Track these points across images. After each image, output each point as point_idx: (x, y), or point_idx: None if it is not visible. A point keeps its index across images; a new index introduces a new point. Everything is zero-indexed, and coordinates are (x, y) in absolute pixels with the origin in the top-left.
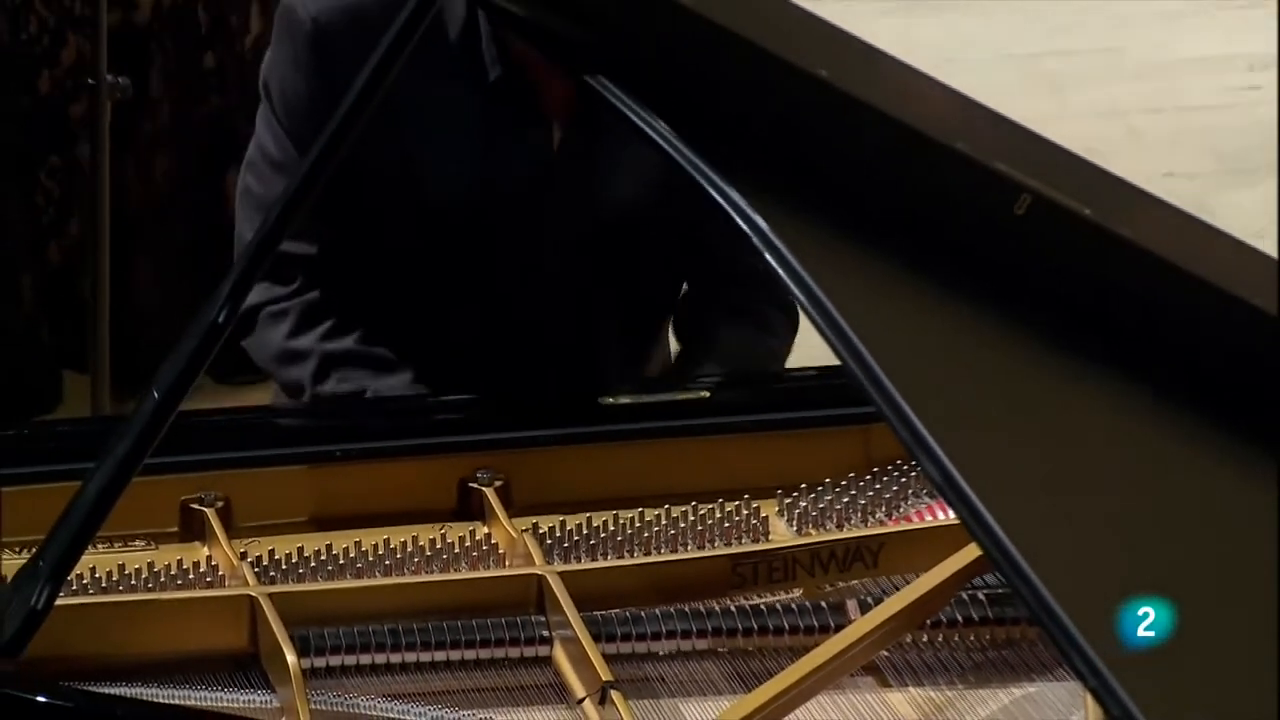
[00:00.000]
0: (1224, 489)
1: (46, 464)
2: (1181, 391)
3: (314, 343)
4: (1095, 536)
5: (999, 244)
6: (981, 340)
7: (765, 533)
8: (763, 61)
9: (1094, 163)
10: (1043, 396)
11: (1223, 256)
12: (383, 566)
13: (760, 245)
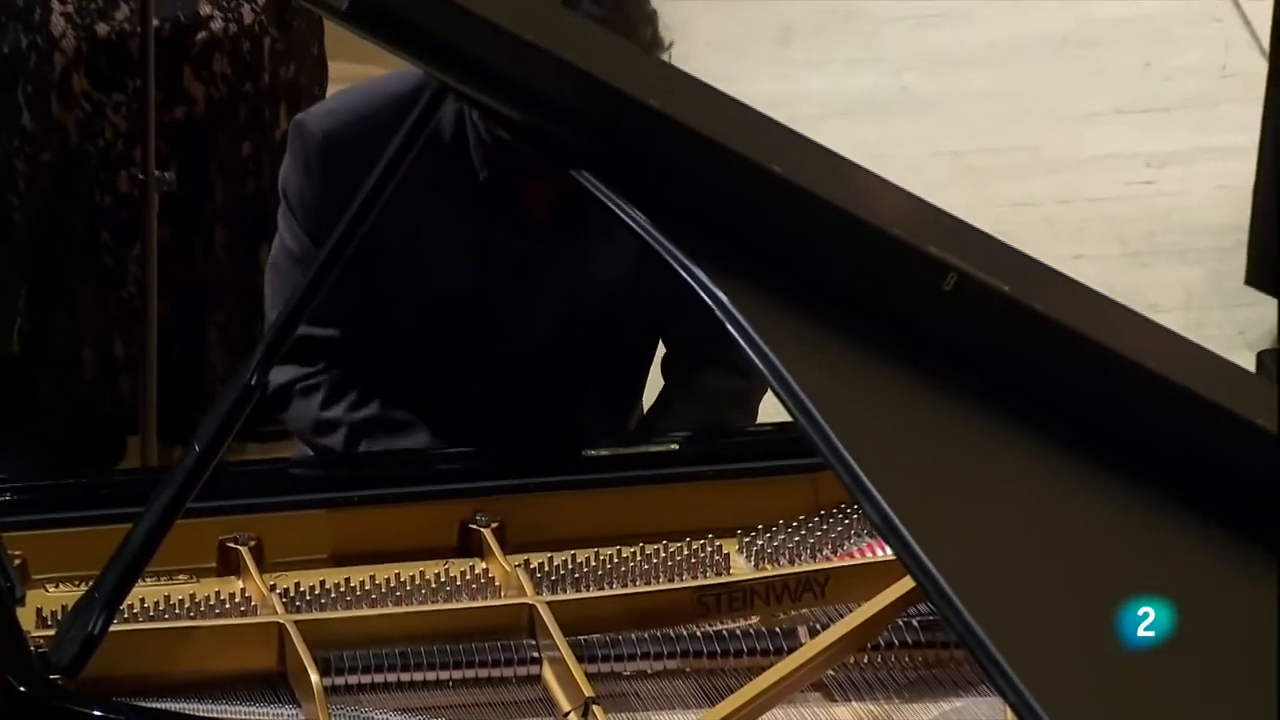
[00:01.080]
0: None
1: (102, 508)
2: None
3: (343, 413)
4: (1013, 570)
5: (930, 316)
6: (915, 399)
7: (726, 567)
8: (725, 157)
9: (1012, 246)
10: (969, 448)
11: (1123, 327)
12: (394, 597)
13: (722, 316)
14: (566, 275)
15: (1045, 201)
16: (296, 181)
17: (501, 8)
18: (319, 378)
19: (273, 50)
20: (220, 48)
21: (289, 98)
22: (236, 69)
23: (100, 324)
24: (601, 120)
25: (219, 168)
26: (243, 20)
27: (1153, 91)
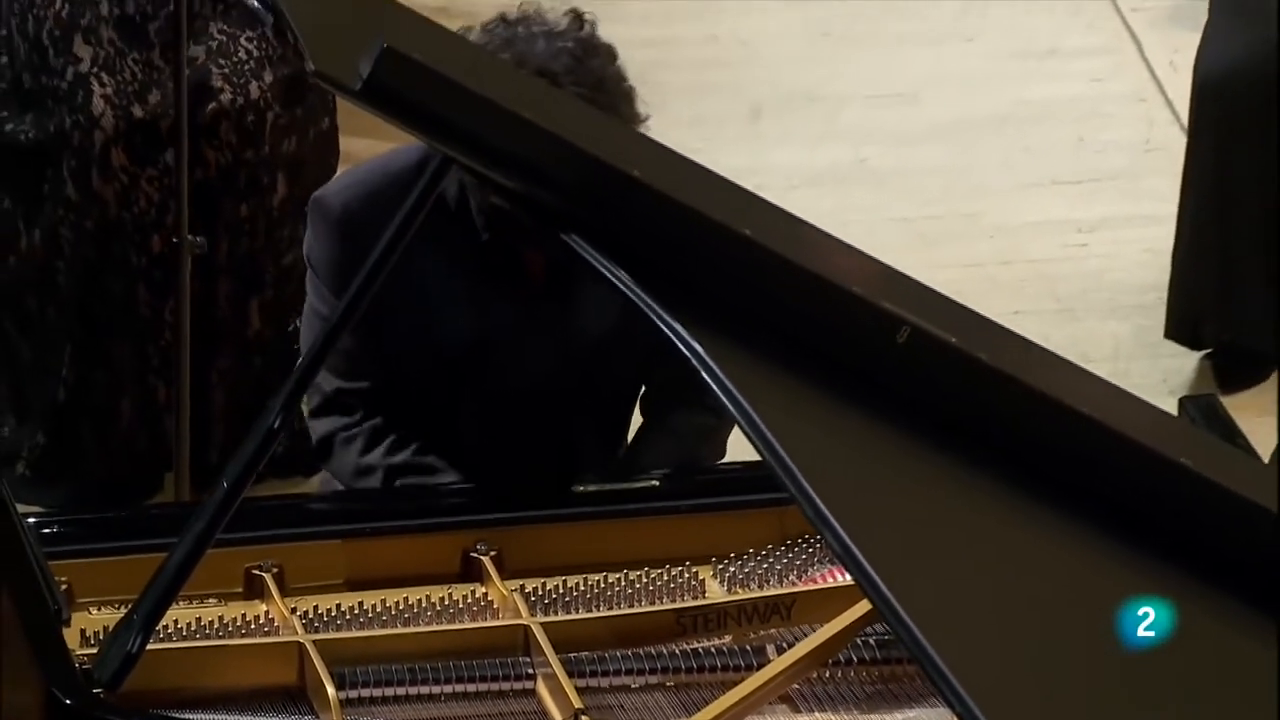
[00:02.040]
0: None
1: (140, 539)
2: (1025, 477)
3: (379, 459)
4: (960, 592)
5: (886, 365)
6: (872, 440)
7: (702, 591)
8: (700, 222)
9: (959, 302)
10: (920, 484)
11: (1058, 375)
12: (403, 618)
13: (697, 365)
14: (558, 329)
15: (988, 263)
16: (319, 251)
17: (500, 89)
18: (357, 428)
19: (275, 124)
20: (228, 118)
21: (288, 169)
22: (240, 138)
23: (137, 373)
24: (589, 189)
25: (224, 227)
26: (249, 95)
27: (1084, 164)
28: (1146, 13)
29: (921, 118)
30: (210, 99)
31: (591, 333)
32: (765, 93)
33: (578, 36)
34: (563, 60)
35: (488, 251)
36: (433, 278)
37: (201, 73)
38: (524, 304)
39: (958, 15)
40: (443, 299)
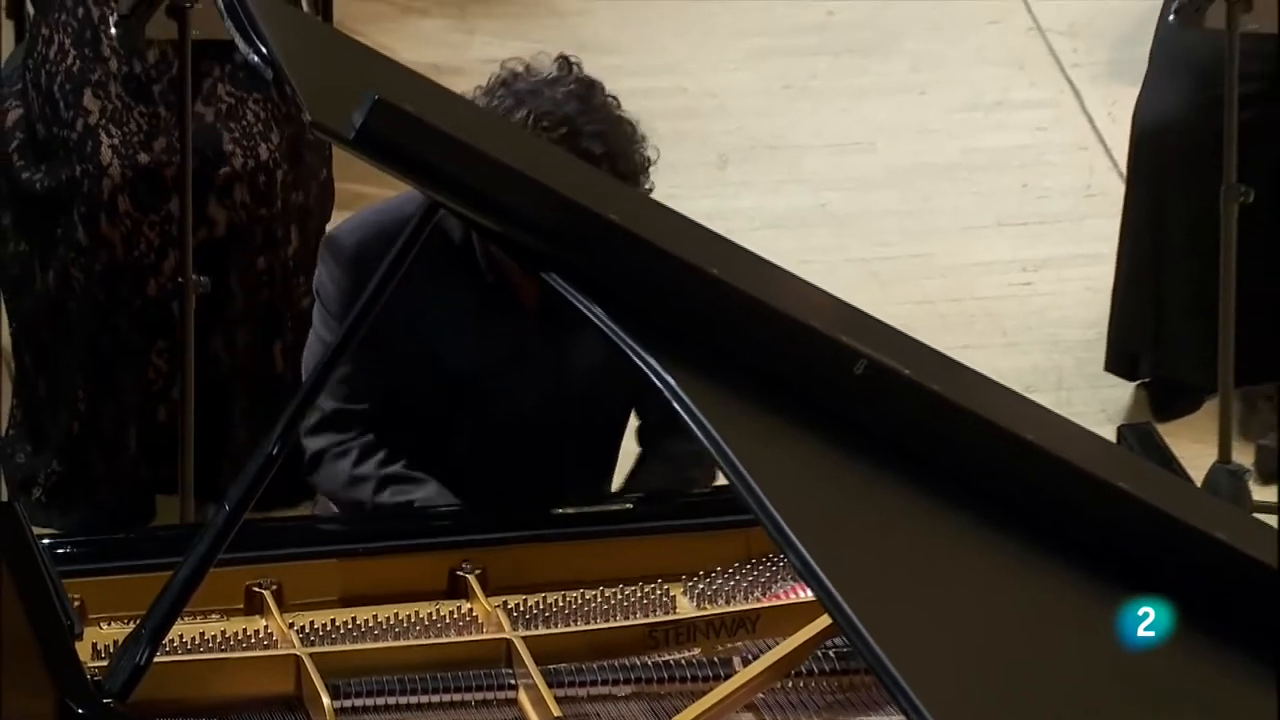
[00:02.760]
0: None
1: (148, 558)
2: (974, 499)
3: (373, 470)
4: (914, 607)
5: (844, 395)
6: (832, 466)
7: (673, 607)
8: (671, 262)
9: (912, 337)
10: (877, 507)
11: (1005, 405)
12: (393, 633)
13: (670, 398)
14: (552, 359)
15: (939, 300)
16: (329, 284)
17: (484, 138)
18: (352, 443)
19: (284, 181)
20: (240, 180)
21: (299, 219)
22: (254, 197)
23: (143, 405)
24: (568, 231)
25: (239, 279)
26: (259, 157)
27: (1029, 208)
28: (1087, 68)
29: (877, 165)
30: (223, 163)
31: (584, 366)
32: (732, 142)
33: (576, 78)
34: (573, 104)
35: (489, 286)
36: (435, 309)
37: (213, 136)
38: (519, 337)
39: (911, 70)
40: (444, 330)
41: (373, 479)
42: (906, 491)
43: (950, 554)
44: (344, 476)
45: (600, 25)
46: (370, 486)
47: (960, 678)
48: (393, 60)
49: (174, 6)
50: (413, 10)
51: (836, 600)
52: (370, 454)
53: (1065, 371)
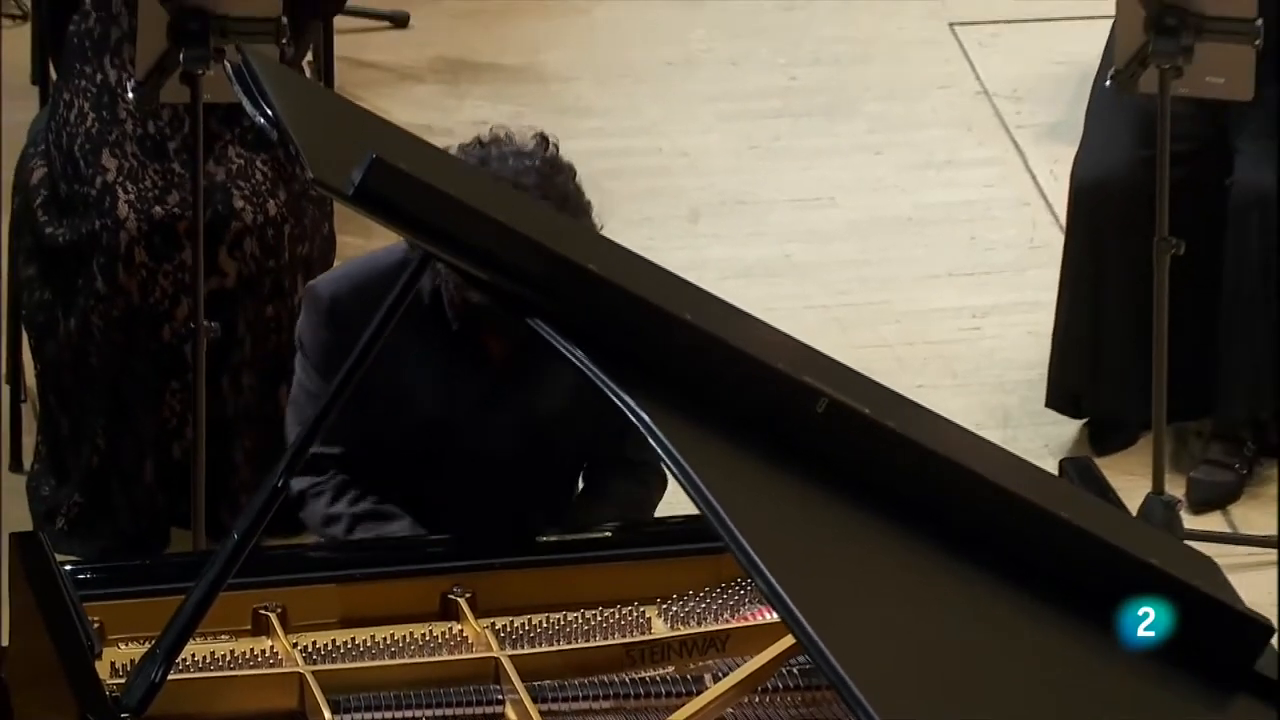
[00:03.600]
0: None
1: (162, 584)
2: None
3: (344, 509)
4: (871, 627)
5: (807, 431)
6: (796, 498)
7: (649, 628)
8: (647, 308)
9: (869, 377)
10: (838, 535)
11: (955, 440)
12: (389, 652)
13: (645, 433)
14: (516, 406)
15: (895, 344)
16: (310, 334)
17: (474, 195)
18: (327, 484)
19: (291, 235)
20: (250, 234)
21: (305, 270)
22: (263, 250)
23: (158, 440)
24: (551, 280)
25: (247, 326)
26: (268, 213)
27: (976, 259)
28: (1030, 129)
29: (837, 219)
30: (234, 218)
31: (544, 411)
32: (703, 198)
33: (544, 156)
34: (531, 177)
35: (457, 339)
36: (409, 360)
37: (224, 193)
38: (487, 385)
39: (867, 131)
40: (417, 379)
41: (345, 517)
42: (865, 520)
43: (905, 578)
44: (320, 515)
45: (583, 91)
46: (343, 525)
47: (912, 690)
48: (389, 122)
49: (187, 73)
50: (408, 77)
51: (799, 621)
52: (344, 493)
53: (1011, 410)
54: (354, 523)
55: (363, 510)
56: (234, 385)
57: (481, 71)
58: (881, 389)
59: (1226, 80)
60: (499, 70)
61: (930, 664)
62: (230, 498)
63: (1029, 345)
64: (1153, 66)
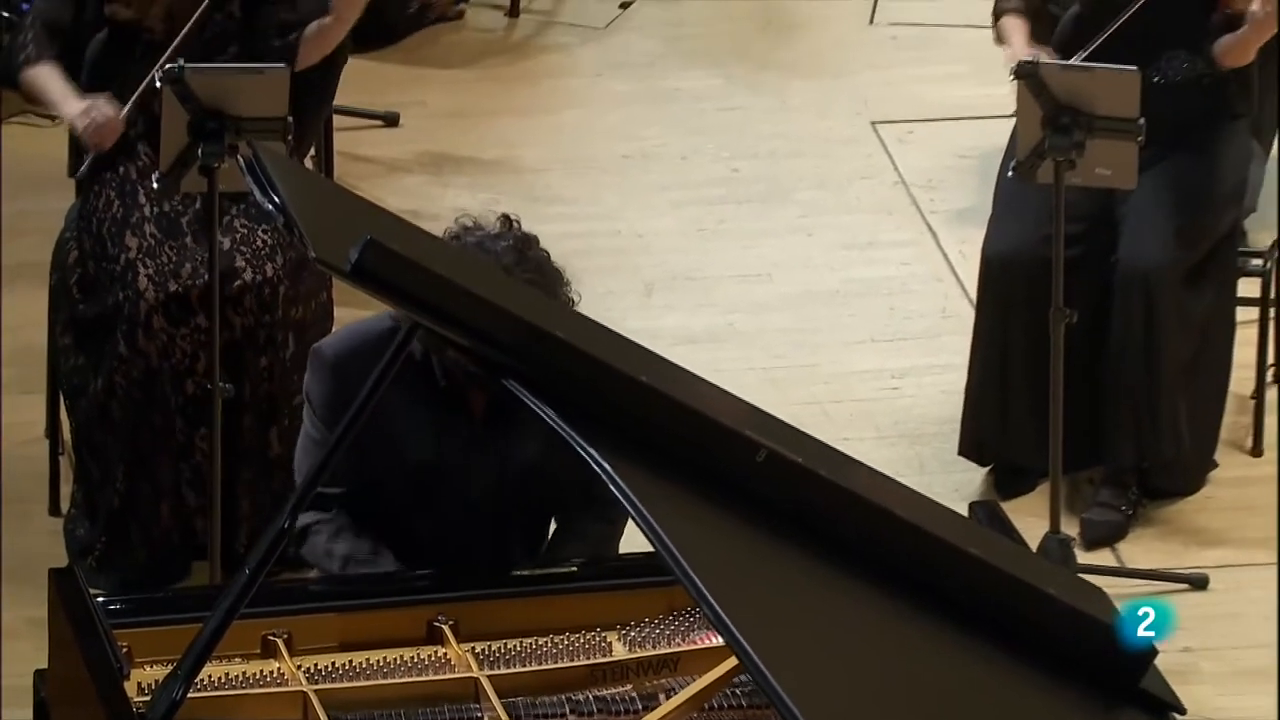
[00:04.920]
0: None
1: (183, 613)
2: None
3: (340, 547)
4: (807, 650)
5: (748, 478)
6: (740, 537)
7: (610, 651)
8: (607, 371)
9: (803, 431)
10: (777, 570)
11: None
12: (382, 673)
13: (607, 481)
14: (495, 453)
15: (824, 401)
16: (316, 389)
17: (456, 272)
18: (327, 523)
19: (285, 295)
20: (249, 291)
21: (298, 330)
22: (260, 306)
23: (174, 486)
24: (523, 346)
25: (248, 375)
26: (266, 274)
27: (895, 327)
28: (942, 214)
29: (774, 292)
30: (236, 277)
31: (520, 458)
32: (656, 274)
33: (514, 235)
34: (510, 255)
35: (443, 394)
36: (400, 413)
37: (228, 257)
38: (470, 435)
39: (800, 216)
40: (408, 428)
41: (338, 556)
42: (799, 556)
43: (834, 606)
44: (319, 550)
45: (552, 181)
46: (337, 562)
47: (838, 702)
48: (381, 208)
49: (205, 166)
50: (398, 169)
51: (742, 645)
52: (341, 532)
53: (926, 459)
54: (345, 562)
55: (354, 552)
56: (236, 428)
57: (463, 164)
58: (813, 441)
59: (1113, 171)
60: (478, 163)
61: (854, 680)
62: (234, 525)
63: (942, 402)
64: (1049, 159)
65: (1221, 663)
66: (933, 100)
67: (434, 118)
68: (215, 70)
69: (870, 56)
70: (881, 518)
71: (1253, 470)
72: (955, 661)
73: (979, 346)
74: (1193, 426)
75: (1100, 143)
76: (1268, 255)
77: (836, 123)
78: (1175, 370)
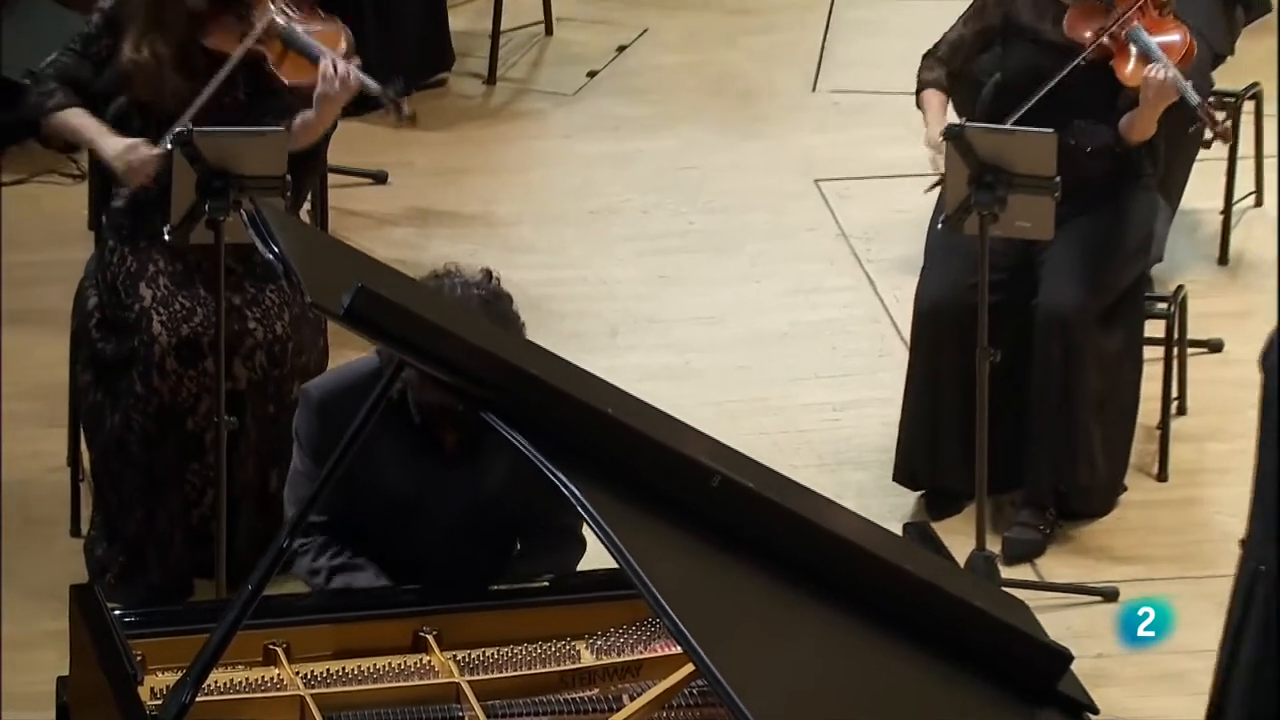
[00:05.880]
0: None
1: (192, 624)
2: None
3: (324, 563)
4: (756, 657)
5: (704, 501)
6: (697, 555)
7: (578, 658)
8: (577, 404)
9: (753, 459)
10: (730, 585)
11: (823, 510)
12: (372, 678)
13: (575, 504)
14: (465, 482)
15: (773, 432)
16: (304, 427)
17: (441, 316)
18: (311, 544)
19: (293, 349)
20: (260, 348)
21: (302, 376)
22: (270, 361)
23: (184, 513)
24: (500, 381)
25: (253, 420)
26: (275, 332)
27: (836, 364)
28: (878, 263)
29: (727, 334)
30: (248, 336)
31: (487, 486)
32: (620, 317)
33: (488, 287)
34: (476, 304)
35: (419, 430)
36: (379, 447)
37: (240, 316)
38: (442, 467)
39: (750, 265)
40: (387, 461)
41: (324, 570)
42: (750, 572)
43: (782, 617)
44: (305, 568)
45: (525, 233)
46: (323, 576)
47: (782, 701)
48: (371, 257)
49: (211, 220)
50: (386, 222)
51: (698, 652)
52: (325, 551)
53: (864, 484)
54: (331, 574)
55: (337, 564)
56: (240, 465)
57: (445, 218)
58: (762, 468)
59: (1032, 224)
60: (459, 217)
61: (797, 679)
62: (237, 554)
63: (879, 433)
64: (975, 213)
65: (1131, 667)
66: (870, 160)
67: (419, 176)
68: (220, 134)
69: (814, 121)
70: (824, 537)
71: (1158, 494)
72: (888, 663)
73: (912, 383)
74: (1105, 454)
75: (1020, 198)
76: (1172, 300)
77: (783, 180)
78: (1089, 403)
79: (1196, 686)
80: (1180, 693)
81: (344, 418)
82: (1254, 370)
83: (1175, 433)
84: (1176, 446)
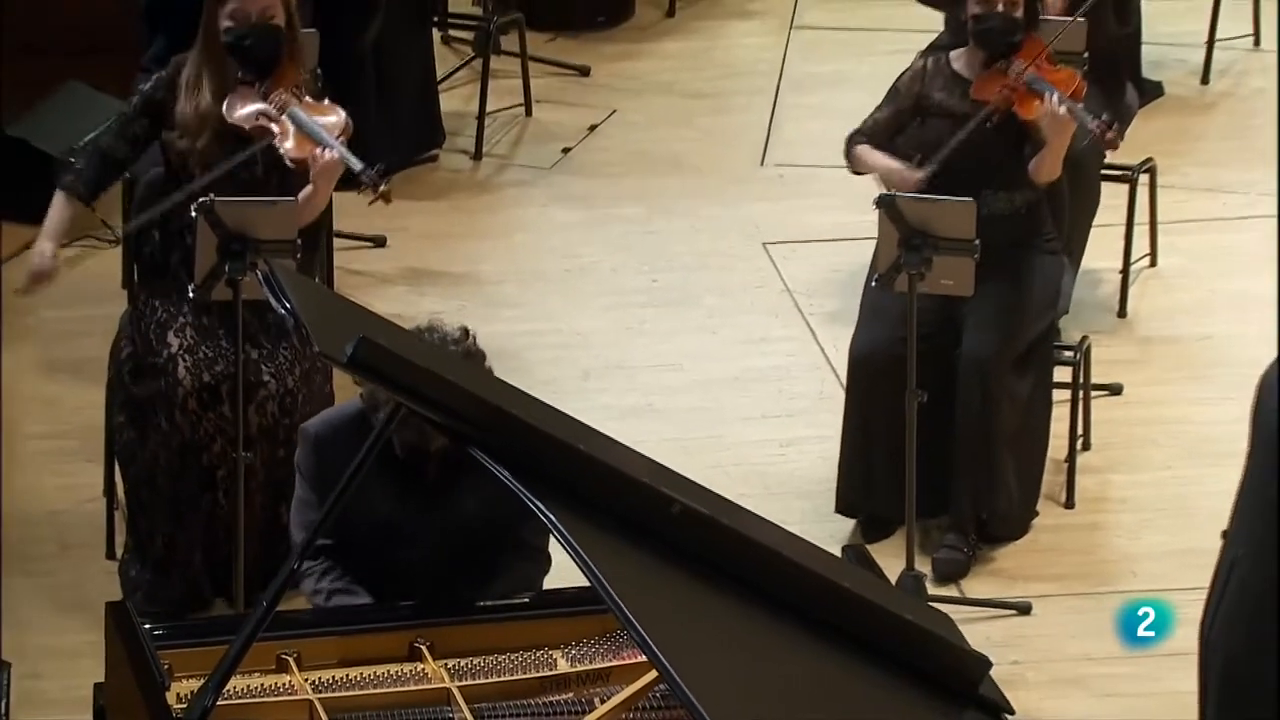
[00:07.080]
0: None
1: (213, 636)
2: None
3: (325, 586)
4: (715, 665)
5: (665, 527)
6: (661, 575)
7: (555, 665)
8: (552, 441)
9: (709, 489)
10: (692, 601)
11: (771, 535)
12: (373, 684)
13: (551, 528)
14: (445, 508)
15: (726, 465)
16: (304, 461)
17: (433, 363)
18: (315, 567)
19: (302, 399)
20: (273, 399)
21: None
22: (281, 410)
23: (203, 538)
24: (484, 419)
25: (262, 462)
26: (287, 385)
27: (782, 406)
28: (819, 315)
29: (686, 379)
30: (261, 387)
31: (468, 513)
32: (591, 364)
33: (464, 344)
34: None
35: (403, 464)
36: (369, 480)
37: (255, 369)
38: (424, 496)
39: (706, 317)
40: (374, 493)
41: (324, 592)
42: (707, 589)
43: (735, 629)
44: (309, 590)
45: (507, 290)
46: (323, 597)
47: (735, 701)
48: (371, 311)
49: (230, 279)
50: (385, 280)
51: (661, 660)
52: (326, 574)
53: (807, 511)
54: (330, 595)
55: (337, 587)
56: (250, 502)
57: (436, 277)
58: (718, 497)
59: (955, 282)
60: (449, 276)
61: (748, 683)
62: (251, 581)
63: (820, 467)
64: (904, 272)
65: (1042, 673)
66: (812, 225)
67: (414, 240)
68: (239, 203)
69: (762, 191)
70: (771, 557)
71: (1066, 520)
72: (831, 669)
73: (848, 422)
74: (1019, 484)
75: (944, 259)
76: (1077, 349)
77: (735, 243)
78: (1005, 440)
79: (1099, 689)
80: (1085, 695)
81: (335, 451)
82: (1149, 410)
83: (1081, 466)
84: (1082, 478)
